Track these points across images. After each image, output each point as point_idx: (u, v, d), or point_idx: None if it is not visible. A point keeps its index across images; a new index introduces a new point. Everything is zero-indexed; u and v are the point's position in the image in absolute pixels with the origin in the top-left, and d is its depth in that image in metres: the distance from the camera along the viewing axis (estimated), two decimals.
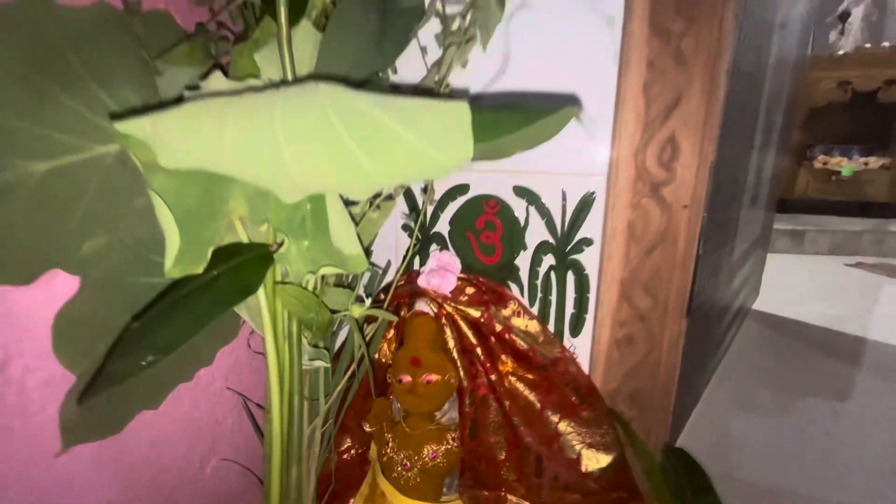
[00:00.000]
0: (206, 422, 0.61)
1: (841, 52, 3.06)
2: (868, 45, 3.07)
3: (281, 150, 0.32)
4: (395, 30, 0.49)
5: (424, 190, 0.63)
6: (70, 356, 0.43)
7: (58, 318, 0.42)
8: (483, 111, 0.31)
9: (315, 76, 0.44)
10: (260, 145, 0.33)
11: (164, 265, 0.35)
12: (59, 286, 0.42)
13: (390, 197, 0.57)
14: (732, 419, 1.08)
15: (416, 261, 0.67)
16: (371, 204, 0.53)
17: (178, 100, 0.36)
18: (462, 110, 0.29)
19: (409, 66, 0.55)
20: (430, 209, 0.64)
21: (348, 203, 0.47)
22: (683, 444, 0.94)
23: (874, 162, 3.12)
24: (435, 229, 0.66)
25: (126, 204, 0.44)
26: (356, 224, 0.45)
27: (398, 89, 0.58)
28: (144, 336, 0.34)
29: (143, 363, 0.31)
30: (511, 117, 0.32)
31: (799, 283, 2.37)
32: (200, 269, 0.36)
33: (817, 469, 0.89)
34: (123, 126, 0.32)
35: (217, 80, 0.38)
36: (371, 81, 0.50)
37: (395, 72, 0.57)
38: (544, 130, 0.33)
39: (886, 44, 3.02)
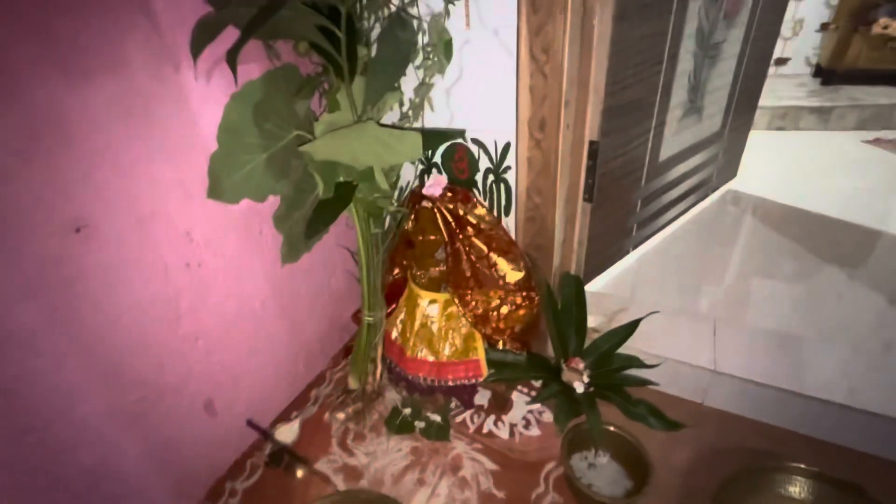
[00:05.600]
0: (330, 257, 1.29)
1: None
2: None
3: (355, 150, 0.89)
4: (400, 60, 0.98)
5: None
6: (280, 227, 1.08)
7: (274, 216, 1.06)
8: (426, 134, 0.85)
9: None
10: (348, 149, 0.89)
11: (319, 193, 0.95)
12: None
13: None
14: (641, 264, 1.61)
15: (425, 178, 1.24)
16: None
17: (306, 119, 0.92)
18: (417, 136, 0.84)
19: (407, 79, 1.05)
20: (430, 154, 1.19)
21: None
22: (604, 277, 1.52)
23: None
24: (433, 160, 1.21)
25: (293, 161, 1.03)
26: (386, 171, 1.02)
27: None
28: (314, 222, 0.96)
29: (316, 235, 0.94)
30: (437, 136, 0.86)
31: (795, 163, 2.53)
32: (331, 195, 0.96)
33: (677, 288, 1.47)
34: (303, 147, 0.90)
35: (329, 117, 0.93)
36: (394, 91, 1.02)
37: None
38: (450, 139, 0.87)
39: None
